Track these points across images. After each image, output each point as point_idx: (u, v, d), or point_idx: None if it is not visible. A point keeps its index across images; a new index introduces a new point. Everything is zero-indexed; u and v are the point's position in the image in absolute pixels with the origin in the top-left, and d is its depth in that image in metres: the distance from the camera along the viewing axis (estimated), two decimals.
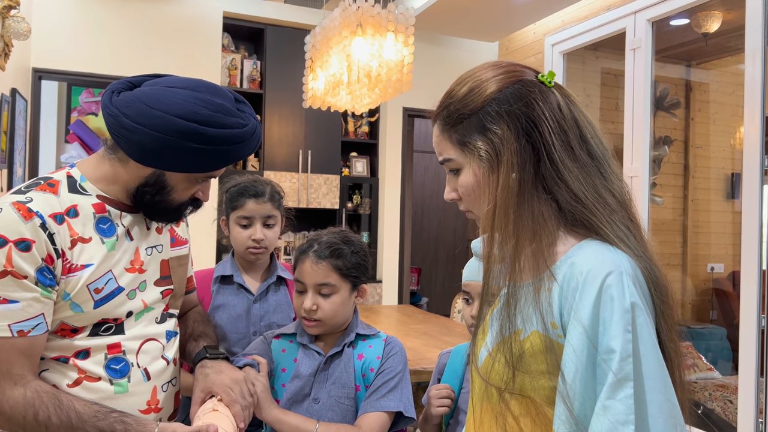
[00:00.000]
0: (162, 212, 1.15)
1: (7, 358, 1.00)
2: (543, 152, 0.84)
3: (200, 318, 1.41)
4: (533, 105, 0.85)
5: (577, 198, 0.83)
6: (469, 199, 0.92)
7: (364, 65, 3.10)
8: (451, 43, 5.19)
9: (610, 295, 0.76)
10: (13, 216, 1.01)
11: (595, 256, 0.80)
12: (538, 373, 0.81)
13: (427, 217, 7.39)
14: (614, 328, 0.74)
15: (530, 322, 0.82)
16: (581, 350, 0.76)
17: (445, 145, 0.92)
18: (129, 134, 1.04)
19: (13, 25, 2.96)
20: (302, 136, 4.75)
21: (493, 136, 0.86)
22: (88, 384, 1.08)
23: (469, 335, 1.23)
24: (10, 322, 1.00)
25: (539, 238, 0.83)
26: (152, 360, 1.16)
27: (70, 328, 1.08)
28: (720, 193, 5.27)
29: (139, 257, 1.16)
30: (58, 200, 1.07)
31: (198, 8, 4.39)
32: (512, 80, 0.88)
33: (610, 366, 0.74)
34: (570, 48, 4.43)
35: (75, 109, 5.20)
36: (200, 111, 1.04)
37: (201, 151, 1.05)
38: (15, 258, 0.99)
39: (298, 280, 1.32)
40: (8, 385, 1.01)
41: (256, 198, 1.57)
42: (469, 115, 0.89)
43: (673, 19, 4.04)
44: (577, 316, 0.77)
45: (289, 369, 1.32)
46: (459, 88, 0.92)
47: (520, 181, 0.84)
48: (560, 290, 0.80)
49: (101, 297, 1.09)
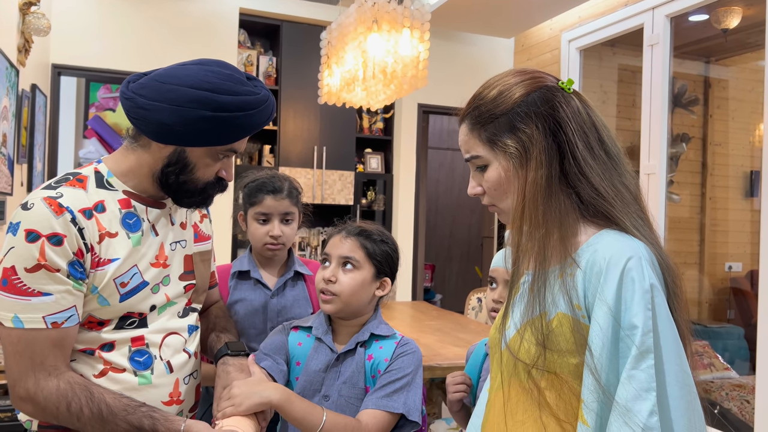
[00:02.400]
0: (189, 193, 1.15)
1: (42, 350, 1.03)
2: (567, 151, 0.93)
3: (222, 313, 1.43)
4: (558, 108, 0.95)
5: (597, 192, 0.92)
6: (494, 193, 0.99)
7: (379, 61, 3.09)
8: (467, 39, 5.17)
9: (631, 278, 0.85)
10: (45, 211, 1.03)
11: (616, 244, 0.89)
12: (564, 351, 0.90)
13: (441, 213, 7.38)
14: (636, 306, 0.84)
15: (556, 304, 0.91)
16: (607, 327, 0.85)
17: (474, 143, 1.00)
18: (146, 113, 1.07)
19: (33, 22, 2.99)
20: (317, 132, 4.77)
21: (523, 134, 0.94)
22: (113, 375, 1.10)
23: (482, 331, 1.26)
24: (45, 314, 1.03)
25: (564, 227, 0.92)
26: (174, 353, 1.18)
27: (97, 320, 1.10)
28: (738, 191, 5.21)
29: (164, 252, 1.18)
30: (86, 195, 1.10)
31: (215, 5, 4.42)
32: (538, 85, 0.97)
33: (633, 340, 0.83)
34: (587, 44, 4.39)
35: (93, 105, 5.25)
36: (211, 80, 1.07)
37: (216, 119, 1.07)
38: (48, 252, 1.02)
39: (325, 253, 1.32)
40: (43, 376, 1.03)
41: (274, 194, 1.57)
42: (499, 115, 0.97)
43: (692, 15, 3.99)
44: (602, 297, 0.86)
45: (303, 363, 1.31)
46: (488, 92, 1.00)
47: (548, 177, 0.92)
48: (584, 275, 0.89)
49: (127, 291, 1.11)
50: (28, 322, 1.02)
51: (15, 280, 1.01)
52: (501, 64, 5.26)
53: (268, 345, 1.33)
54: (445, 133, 7.38)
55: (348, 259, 1.31)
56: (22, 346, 1.02)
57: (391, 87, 3.33)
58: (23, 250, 1.01)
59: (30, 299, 1.02)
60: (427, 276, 6.71)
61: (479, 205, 7.43)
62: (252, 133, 1.15)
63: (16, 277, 1.01)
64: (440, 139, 7.33)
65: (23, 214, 1.04)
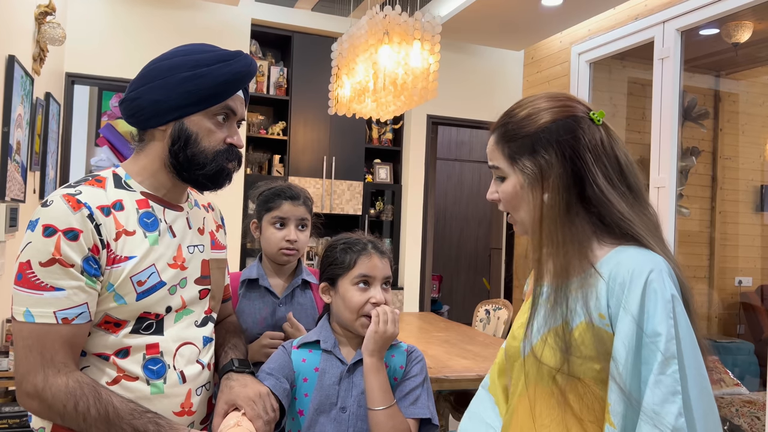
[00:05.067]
0: (200, 166, 1.15)
1: (52, 345, 1.03)
2: (588, 178, 0.99)
3: (233, 328, 1.43)
4: (580, 139, 1.00)
5: (622, 215, 0.99)
6: (507, 204, 1.08)
7: (389, 73, 3.11)
8: (476, 51, 5.19)
9: (653, 289, 0.91)
10: (63, 207, 1.05)
11: (638, 257, 0.95)
12: (587, 357, 0.94)
13: (449, 224, 7.38)
14: (659, 315, 0.89)
15: (578, 314, 0.96)
16: (631, 335, 0.90)
17: (497, 155, 1.08)
18: (139, 102, 1.13)
19: (48, 31, 3.04)
20: (327, 143, 4.79)
21: (542, 159, 1.01)
22: (126, 383, 1.10)
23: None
24: (56, 309, 1.03)
25: (583, 244, 0.99)
26: (188, 363, 1.18)
27: (114, 321, 1.10)
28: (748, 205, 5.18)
29: (182, 254, 1.19)
30: (105, 194, 1.11)
31: (227, 15, 4.46)
32: (565, 114, 1.02)
33: (658, 346, 0.88)
34: (597, 57, 4.40)
35: (105, 113, 5.30)
36: (183, 48, 1.17)
37: (196, 76, 1.11)
38: (63, 246, 1.03)
39: (365, 275, 1.30)
40: (52, 373, 1.03)
41: (292, 200, 1.61)
42: (523, 136, 1.03)
43: (703, 29, 3.99)
44: (627, 307, 0.91)
45: (311, 378, 1.30)
46: (519, 111, 1.07)
47: (567, 201, 0.99)
48: (607, 286, 0.95)
49: (144, 290, 1.11)
50: (39, 316, 1.02)
51: (30, 274, 1.02)
52: (510, 77, 5.27)
53: (270, 365, 1.32)
54: (454, 144, 7.40)
55: (389, 279, 1.34)
56: (33, 340, 1.02)
57: (402, 98, 3.34)
58: (40, 244, 1.03)
59: (42, 293, 1.02)
60: (434, 287, 6.70)
61: (487, 216, 7.43)
62: (239, 88, 1.16)
63: (31, 272, 1.02)
64: (449, 150, 7.35)
65: (42, 211, 1.05)
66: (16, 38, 2.71)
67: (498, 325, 3.70)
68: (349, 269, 1.31)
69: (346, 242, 1.35)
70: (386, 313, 1.27)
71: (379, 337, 1.25)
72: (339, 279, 1.32)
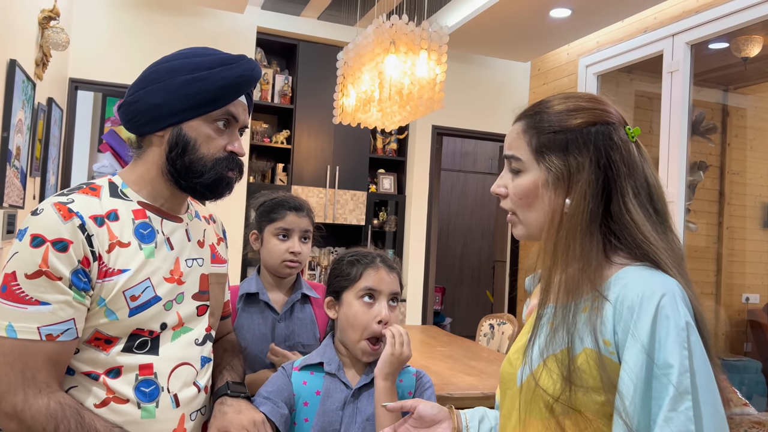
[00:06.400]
0: (198, 173, 1.09)
1: (34, 363, 0.97)
2: (617, 192, 0.92)
3: (231, 348, 1.37)
4: (617, 150, 0.93)
5: (645, 237, 0.90)
6: (518, 201, 0.97)
7: (396, 82, 3.07)
8: (483, 62, 5.16)
9: (665, 315, 0.81)
10: (53, 216, 0.99)
11: (648, 279, 0.86)
12: (589, 388, 0.85)
13: (453, 236, 7.32)
14: (671, 345, 0.80)
15: (581, 339, 0.87)
16: (640, 366, 0.81)
17: (521, 144, 0.97)
18: (137, 106, 1.09)
19: (52, 36, 3.01)
20: (331, 152, 4.75)
21: (573, 160, 0.92)
22: (115, 406, 1.04)
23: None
24: (40, 324, 0.97)
25: (597, 260, 0.90)
26: (183, 386, 1.11)
27: (105, 338, 1.04)
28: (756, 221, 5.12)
29: (179, 268, 1.13)
30: (99, 203, 1.06)
31: (232, 23, 4.44)
32: (606, 119, 0.94)
33: (670, 380, 0.79)
34: (604, 70, 4.36)
35: (109, 120, 5.28)
36: (184, 51, 1.12)
37: (196, 80, 1.07)
38: (51, 258, 0.97)
39: (371, 288, 1.25)
40: (32, 393, 0.97)
41: (297, 211, 1.56)
42: (557, 131, 0.94)
43: (712, 43, 3.95)
44: (635, 334, 0.82)
45: (312, 402, 1.24)
46: (556, 103, 0.97)
47: (592, 212, 0.91)
48: (614, 309, 0.86)
49: (137, 305, 1.05)
50: (21, 331, 0.96)
51: (14, 286, 0.97)
52: (516, 88, 5.24)
53: (268, 388, 1.25)
54: (458, 154, 7.36)
55: (396, 295, 1.28)
56: (14, 357, 0.96)
57: (407, 108, 3.31)
58: (26, 255, 0.97)
59: (26, 307, 0.96)
60: (437, 299, 6.64)
61: (491, 228, 7.37)
62: (241, 93, 1.11)
63: (16, 284, 0.97)
64: (453, 160, 7.31)
65: (32, 220, 1.00)
66: (18, 42, 2.68)
67: (502, 341, 3.64)
68: (354, 282, 1.25)
69: (354, 255, 1.29)
70: (401, 335, 1.21)
71: (396, 360, 1.20)
72: (344, 292, 1.27)
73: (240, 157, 1.14)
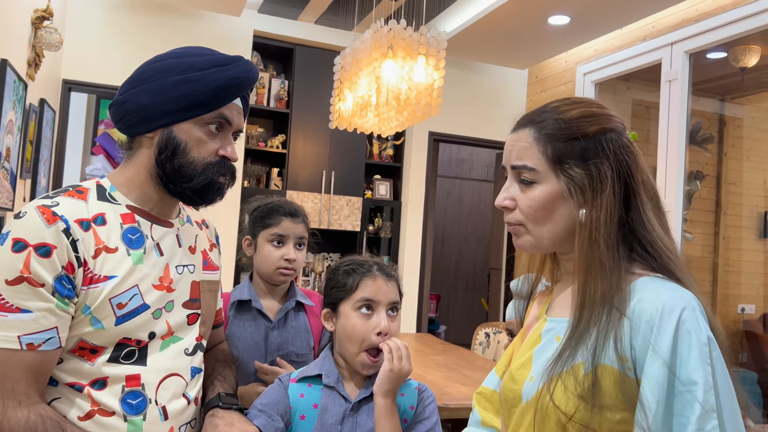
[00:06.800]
0: (188, 178, 1.05)
1: (14, 374, 0.92)
2: (636, 202, 0.89)
3: (223, 357, 1.32)
4: (633, 157, 0.91)
5: (666, 246, 0.89)
6: (532, 214, 0.92)
7: (393, 88, 3.04)
8: (480, 68, 5.14)
9: (686, 330, 0.79)
10: (36, 220, 0.95)
11: (666, 292, 0.83)
12: (605, 406, 0.82)
13: (448, 243, 7.29)
14: (694, 360, 0.78)
15: (596, 355, 0.83)
16: (662, 382, 0.79)
17: (533, 153, 0.92)
18: (127, 106, 1.05)
19: (45, 36, 2.96)
20: (326, 157, 4.71)
21: (595, 169, 0.89)
22: (100, 419, 0.99)
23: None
24: (21, 333, 0.92)
25: (620, 272, 0.87)
26: (172, 398, 1.07)
27: (90, 347, 1.00)
28: (752, 231, 5.11)
29: (169, 275, 1.09)
30: (86, 206, 1.02)
31: (229, 26, 4.40)
32: (616, 126, 0.92)
33: (696, 397, 0.77)
34: (602, 78, 4.35)
35: (102, 122, 5.23)
36: (178, 50, 1.09)
37: (187, 81, 1.03)
38: (33, 264, 0.93)
39: (368, 299, 1.20)
40: (11, 404, 0.92)
41: (292, 217, 1.51)
42: (573, 138, 0.90)
43: (710, 52, 3.95)
44: (657, 350, 0.80)
45: (309, 416, 1.18)
46: (568, 109, 0.93)
47: (618, 222, 0.88)
48: (630, 324, 0.83)
49: (124, 313, 1.00)
50: (0, 340, 0.92)
51: None
52: (513, 95, 5.22)
53: (263, 400, 1.20)
54: (454, 161, 7.33)
55: (396, 304, 1.23)
56: None
57: (404, 114, 3.27)
58: (7, 260, 0.93)
59: (6, 315, 0.92)
60: (431, 306, 6.59)
61: (486, 236, 7.35)
62: (235, 96, 1.07)
63: None
64: (449, 167, 7.28)
65: (14, 223, 0.96)
66: (10, 42, 2.64)
67: (498, 349, 3.60)
68: (351, 292, 1.20)
69: (350, 264, 1.24)
70: (399, 349, 1.16)
71: (395, 376, 1.15)
72: (341, 303, 1.22)
73: (232, 162, 1.10)
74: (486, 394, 1.12)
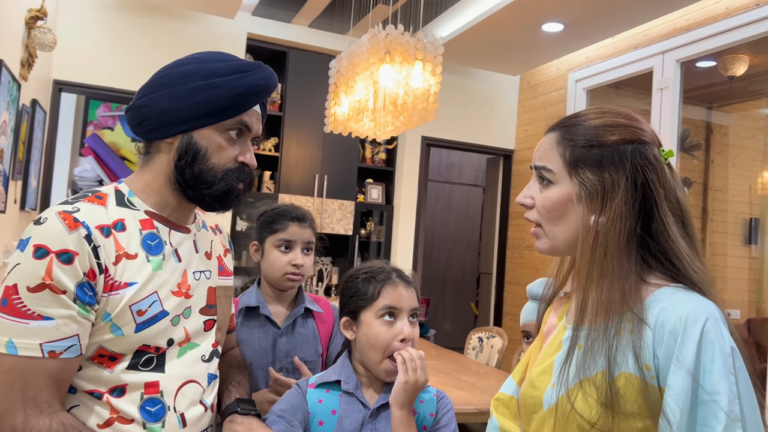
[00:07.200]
0: (208, 184, 1.04)
1: (35, 382, 0.91)
2: (656, 212, 0.90)
3: (236, 363, 1.32)
4: (653, 170, 0.92)
5: (690, 257, 0.89)
6: (546, 213, 0.96)
7: (390, 92, 3.05)
8: (472, 74, 5.17)
9: (710, 340, 0.80)
10: (57, 226, 0.94)
11: (689, 303, 0.84)
12: (628, 413, 0.83)
13: (437, 247, 7.30)
14: (717, 370, 0.79)
15: (617, 363, 0.85)
16: (686, 392, 0.80)
17: (553, 155, 0.96)
18: (146, 110, 1.04)
19: (38, 36, 2.93)
20: (319, 161, 4.71)
21: (608, 176, 0.91)
22: (119, 426, 0.98)
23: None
24: (42, 340, 0.91)
25: (635, 280, 0.88)
26: (190, 405, 1.06)
27: (109, 354, 0.99)
28: (737, 237, 5.18)
29: (187, 281, 1.08)
30: (106, 212, 1.01)
31: (222, 28, 4.38)
32: (641, 138, 0.93)
33: (721, 406, 0.78)
34: (594, 85, 4.39)
35: (91, 123, 5.17)
36: (198, 56, 1.08)
37: (209, 87, 1.02)
38: (55, 270, 0.91)
39: (391, 306, 1.19)
40: (33, 413, 0.91)
41: (299, 222, 1.51)
42: (592, 145, 0.93)
43: (700, 61, 4.00)
44: (680, 359, 0.81)
45: (327, 422, 1.18)
46: (594, 117, 0.96)
47: (630, 229, 0.89)
48: (653, 333, 0.84)
49: (144, 320, 1.00)
50: (22, 348, 0.90)
51: (15, 300, 0.91)
52: (505, 101, 5.25)
53: (282, 406, 1.20)
54: (444, 166, 7.35)
55: (416, 311, 1.23)
56: (14, 375, 0.90)
57: (401, 119, 3.28)
58: (29, 266, 0.91)
59: (28, 323, 0.90)
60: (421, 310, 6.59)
61: (475, 240, 7.37)
62: (255, 102, 1.07)
63: (17, 297, 0.91)
64: (438, 171, 7.30)
65: (34, 229, 0.94)
66: (4, 42, 2.60)
67: (492, 354, 3.61)
68: (372, 300, 1.20)
69: (368, 272, 1.24)
70: (413, 360, 1.15)
71: (410, 387, 1.14)
72: (362, 312, 1.21)
73: (251, 169, 1.10)
74: (503, 399, 1.12)
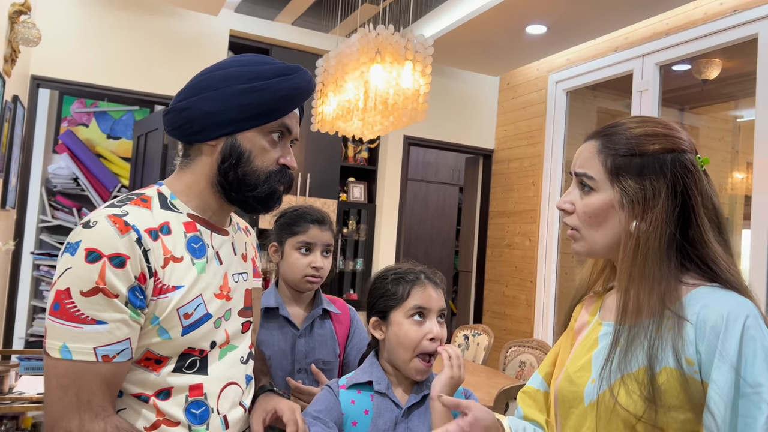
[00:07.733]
0: (251, 186, 1.05)
1: (90, 386, 0.91)
2: (694, 219, 0.94)
3: (257, 355, 1.34)
4: (692, 178, 0.95)
5: (728, 263, 0.94)
6: (586, 219, 1.00)
7: (381, 92, 3.06)
8: (453, 74, 5.21)
9: (751, 336, 0.85)
10: (109, 229, 0.93)
11: (729, 301, 0.89)
12: (672, 406, 0.88)
13: (414, 244, 7.34)
14: (759, 364, 0.84)
15: (658, 359, 0.89)
16: (729, 385, 0.84)
17: (594, 163, 0.99)
18: (188, 113, 1.04)
19: (22, 31, 2.86)
20: (302, 159, 4.69)
21: (649, 185, 0.95)
22: (165, 429, 0.98)
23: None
24: (96, 345, 0.91)
25: (669, 282, 0.93)
26: (232, 407, 1.07)
27: (155, 357, 0.99)
28: None
29: (227, 283, 1.09)
30: (152, 216, 1.01)
31: (205, 25, 4.33)
32: (681, 147, 0.97)
33: (763, 398, 0.82)
34: (574, 86, 4.48)
35: (65, 119, 5.05)
36: (240, 58, 1.09)
37: (253, 90, 1.03)
38: (108, 274, 0.91)
39: (421, 306, 1.22)
40: (88, 417, 0.91)
41: (320, 225, 1.51)
42: (633, 154, 0.96)
43: (676, 64, 4.12)
44: (724, 354, 0.85)
45: (361, 422, 1.20)
46: (635, 126, 0.99)
47: (669, 237, 0.94)
48: (695, 330, 0.88)
49: (190, 323, 1.00)
50: (77, 352, 0.90)
51: (68, 304, 0.90)
52: (485, 101, 5.31)
53: (317, 407, 1.21)
54: (421, 164, 7.39)
55: (443, 311, 1.26)
56: (69, 379, 0.91)
57: (390, 119, 3.30)
58: (82, 271, 0.91)
59: (82, 327, 0.90)
60: None
61: (452, 238, 7.43)
62: (297, 105, 1.09)
63: (70, 301, 0.90)
64: (415, 170, 7.34)
65: (84, 233, 0.93)
66: None
67: (478, 351, 3.66)
68: (402, 301, 1.22)
69: (397, 272, 1.26)
70: (459, 357, 1.19)
71: (455, 383, 1.18)
72: (391, 312, 1.24)
73: (291, 171, 1.11)
74: (530, 392, 1.18)
